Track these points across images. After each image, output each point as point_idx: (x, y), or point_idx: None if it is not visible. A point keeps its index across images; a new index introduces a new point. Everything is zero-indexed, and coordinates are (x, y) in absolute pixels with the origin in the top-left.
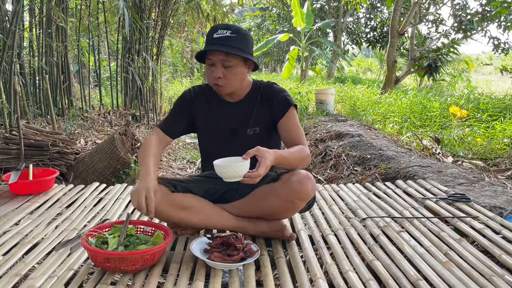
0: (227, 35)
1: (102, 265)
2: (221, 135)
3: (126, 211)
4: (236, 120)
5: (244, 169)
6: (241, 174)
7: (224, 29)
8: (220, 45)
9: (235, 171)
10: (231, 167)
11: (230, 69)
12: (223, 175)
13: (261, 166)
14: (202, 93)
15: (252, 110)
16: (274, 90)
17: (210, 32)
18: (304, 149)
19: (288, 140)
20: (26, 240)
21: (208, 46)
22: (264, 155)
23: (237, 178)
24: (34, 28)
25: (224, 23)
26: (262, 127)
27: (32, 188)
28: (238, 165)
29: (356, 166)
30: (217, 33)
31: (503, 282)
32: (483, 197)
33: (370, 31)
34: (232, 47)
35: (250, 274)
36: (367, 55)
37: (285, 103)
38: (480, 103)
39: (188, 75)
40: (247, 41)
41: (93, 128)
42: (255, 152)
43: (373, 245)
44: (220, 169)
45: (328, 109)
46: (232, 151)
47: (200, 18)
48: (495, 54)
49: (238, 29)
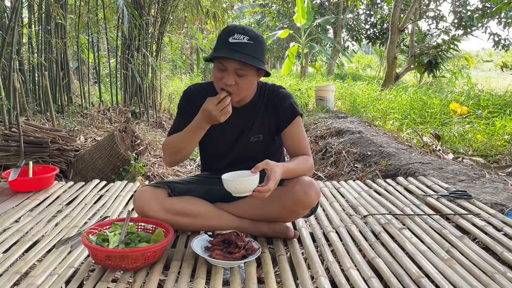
0: (244, 42)
1: (103, 263)
2: (224, 142)
3: (126, 208)
4: (239, 127)
5: (254, 183)
6: (250, 188)
7: (241, 34)
8: (236, 52)
9: (245, 186)
10: (241, 181)
11: (243, 77)
12: (232, 190)
13: (271, 180)
14: (203, 92)
15: (257, 117)
16: (280, 96)
17: (225, 34)
18: (308, 160)
19: (292, 149)
20: (26, 238)
21: (224, 51)
22: (274, 169)
23: (246, 193)
24: (33, 24)
25: (237, 25)
26: (265, 134)
27: (32, 186)
28: (248, 180)
29: (357, 163)
30: (234, 37)
31: (505, 279)
32: (484, 194)
33: (370, 28)
34: (249, 56)
35: (251, 272)
36: (367, 51)
37: (291, 113)
38: (480, 99)
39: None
40: (263, 49)
41: (92, 125)
42: (264, 166)
43: (375, 242)
44: (229, 184)
45: (328, 106)
46: (233, 158)
47: (200, 15)
48: (495, 50)
49: (256, 35)
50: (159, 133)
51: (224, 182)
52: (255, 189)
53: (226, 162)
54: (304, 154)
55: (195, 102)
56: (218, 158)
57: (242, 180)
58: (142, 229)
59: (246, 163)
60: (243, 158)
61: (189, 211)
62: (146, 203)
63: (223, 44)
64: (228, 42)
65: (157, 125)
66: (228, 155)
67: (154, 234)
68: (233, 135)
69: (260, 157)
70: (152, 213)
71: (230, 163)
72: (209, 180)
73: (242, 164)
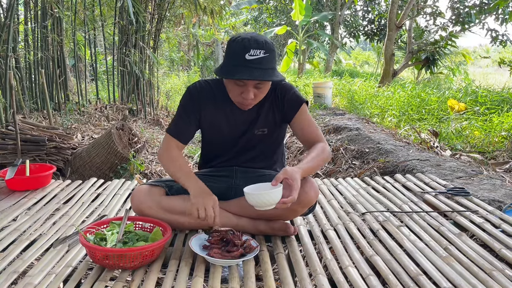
0: (261, 57)
1: (101, 262)
2: (228, 137)
3: (124, 207)
4: (245, 123)
5: (278, 196)
6: (276, 200)
7: (256, 49)
8: (256, 70)
9: (269, 199)
10: (264, 195)
11: (262, 89)
12: (255, 204)
13: (294, 190)
14: (209, 90)
15: (262, 111)
16: (283, 88)
17: (239, 50)
18: (324, 148)
19: (304, 138)
20: (23, 237)
21: (243, 72)
22: (294, 177)
23: (271, 206)
24: (29, 21)
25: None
26: (270, 128)
27: (29, 184)
28: (272, 193)
29: (355, 160)
30: (250, 54)
31: (503, 276)
32: (481, 191)
33: (367, 24)
34: (268, 69)
35: (249, 270)
36: (365, 48)
37: (296, 101)
38: (478, 96)
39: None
40: (275, 56)
41: (90, 122)
42: (284, 176)
43: (373, 240)
44: (253, 198)
45: (326, 103)
46: (236, 149)
47: (197, 11)
48: (492, 46)
49: (269, 45)
50: (156, 131)
51: (246, 196)
52: (279, 201)
53: (228, 155)
54: (316, 140)
55: (200, 101)
56: (221, 152)
57: (265, 193)
58: (140, 227)
59: (247, 154)
60: (245, 150)
61: (186, 209)
62: (143, 202)
63: (240, 61)
64: (245, 59)
65: (155, 122)
66: (231, 149)
67: (152, 233)
68: (239, 131)
69: (262, 149)
70: (149, 212)
71: (232, 156)
72: (207, 178)
73: (243, 155)
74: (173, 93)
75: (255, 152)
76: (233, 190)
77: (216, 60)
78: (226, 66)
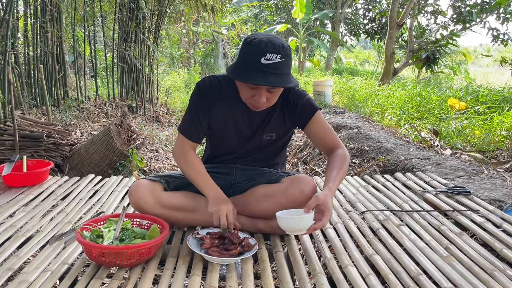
0: (277, 62)
1: (97, 260)
2: (235, 139)
3: (121, 204)
4: (253, 126)
5: (310, 222)
6: (306, 227)
7: (273, 53)
8: (271, 75)
9: (301, 224)
10: (296, 220)
11: (274, 93)
12: (286, 228)
13: (325, 216)
14: (220, 88)
15: (272, 116)
16: (296, 95)
17: (255, 53)
18: (345, 156)
19: (321, 144)
20: (19, 234)
21: (259, 77)
22: (327, 204)
23: (301, 232)
24: (28, 17)
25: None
26: (279, 133)
27: (26, 180)
28: (304, 218)
29: (354, 158)
30: (266, 58)
31: (504, 277)
32: (482, 190)
33: (368, 22)
34: (283, 74)
35: (248, 269)
36: (365, 46)
37: (310, 109)
38: (479, 95)
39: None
40: (291, 61)
41: (89, 119)
42: (316, 203)
43: (373, 239)
44: (285, 222)
45: (326, 101)
46: (242, 151)
47: (198, 8)
48: (493, 45)
49: (286, 49)
50: (155, 128)
51: (278, 220)
52: (310, 226)
53: (233, 156)
54: (334, 147)
55: (209, 98)
56: (226, 153)
57: (297, 218)
58: (137, 225)
59: (251, 156)
60: (249, 153)
61: (185, 205)
62: (142, 197)
63: (255, 65)
64: (260, 64)
65: (154, 119)
66: (237, 151)
67: (149, 230)
68: (247, 134)
69: (267, 152)
70: (147, 207)
71: (237, 157)
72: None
73: (249, 157)
74: (173, 90)
75: (259, 155)
76: (232, 188)
77: (216, 57)
78: (241, 69)
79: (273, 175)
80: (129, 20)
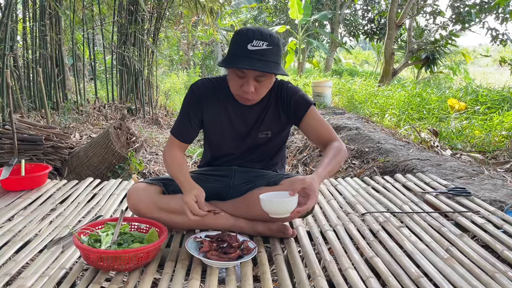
0: (264, 48)
1: (95, 264)
2: (231, 139)
3: (120, 207)
4: (248, 125)
5: (293, 205)
6: (290, 210)
7: (260, 40)
8: (257, 61)
9: (284, 208)
10: (281, 203)
11: (263, 83)
12: (270, 211)
13: (311, 199)
14: (213, 89)
15: (266, 114)
16: (289, 91)
17: (242, 40)
18: (340, 148)
19: (317, 138)
20: (17, 238)
21: (245, 61)
22: (313, 187)
23: (285, 215)
24: (28, 20)
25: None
26: (274, 131)
27: (24, 184)
28: (288, 201)
29: (354, 160)
30: (253, 44)
31: (506, 279)
32: (483, 191)
33: (367, 23)
34: (270, 62)
35: (247, 273)
36: (364, 47)
37: (304, 104)
38: (478, 95)
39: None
40: (280, 51)
41: (88, 122)
42: (302, 185)
43: (373, 241)
44: (268, 205)
45: (325, 102)
46: (239, 151)
47: (197, 10)
48: (493, 45)
49: (274, 38)
50: (155, 130)
51: (262, 203)
52: (294, 210)
53: (230, 157)
54: (330, 140)
55: (202, 100)
56: (224, 154)
57: (282, 201)
58: (136, 228)
59: (249, 157)
60: (246, 153)
61: (183, 209)
62: (140, 201)
63: (242, 51)
64: (247, 50)
65: (153, 122)
66: (234, 151)
67: (148, 234)
68: (242, 132)
69: (264, 151)
70: (146, 211)
71: (235, 158)
72: (205, 177)
73: (246, 158)
74: (172, 92)
75: (257, 155)
76: (231, 190)
77: (215, 59)
78: (228, 57)
79: (272, 177)
80: (128, 22)
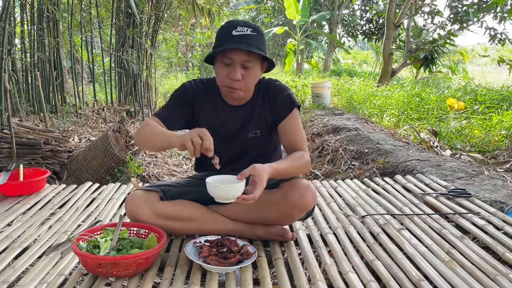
0: (248, 33)
1: (94, 271)
2: (222, 139)
3: (119, 212)
4: (237, 125)
5: (239, 191)
6: (235, 195)
7: (244, 26)
8: (242, 43)
9: (229, 193)
10: (225, 188)
11: (249, 70)
12: (215, 195)
13: (258, 188)
14: (204, 89)
15: (254, 113)
16: (277, 89)
17: (227, 28)
18: (303, 156)
19: (287, 144)
20: (15, 244)
21: (229, 44)
22: (261, 175)
23: (230, 200)
24: (25, 23)
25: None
26: (263, 130)
27: (22, 189)
28: (233, 186)
29: (354, 161)
30: (237, 30)
31: (507, 281)
32: (483, 192)
33: (365, 23)
34: (254, 46)
35: (247, 277)
36: (363, 47)
37: (288, 104)
38: (477, 94)
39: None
40: (264, 41)
41: (87, 125)
42: (251, 172)
43: (373, 244)
44: (212, 189)
45: (324, 103)
46: (230, 153)
47: (195, 12)
48: (491, 45)
49: (257, 27)
50: None
51: (207, 186)
52: (240, 196)
53: (223, 159)
54: (298, 147)
55: (192, 96)
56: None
57: (226, 186)
58: (135, 234)
59: (244, 159)
60: (241, 155)
61: (182, 215)
62: (138, 208)
63: (227, 37)
64: (231, 35)
65: None
66: (226, 153)
67: (147, 240)
68: (231, 132)
69: (257, 153)
70: (144, 218)
71: (228, 160)
72: (203, 182)
73: (240, 160)
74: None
75: (250, 157)
76: None
77: None
78: (214, 47)
79: (271, 180)
80: (126, 25)
